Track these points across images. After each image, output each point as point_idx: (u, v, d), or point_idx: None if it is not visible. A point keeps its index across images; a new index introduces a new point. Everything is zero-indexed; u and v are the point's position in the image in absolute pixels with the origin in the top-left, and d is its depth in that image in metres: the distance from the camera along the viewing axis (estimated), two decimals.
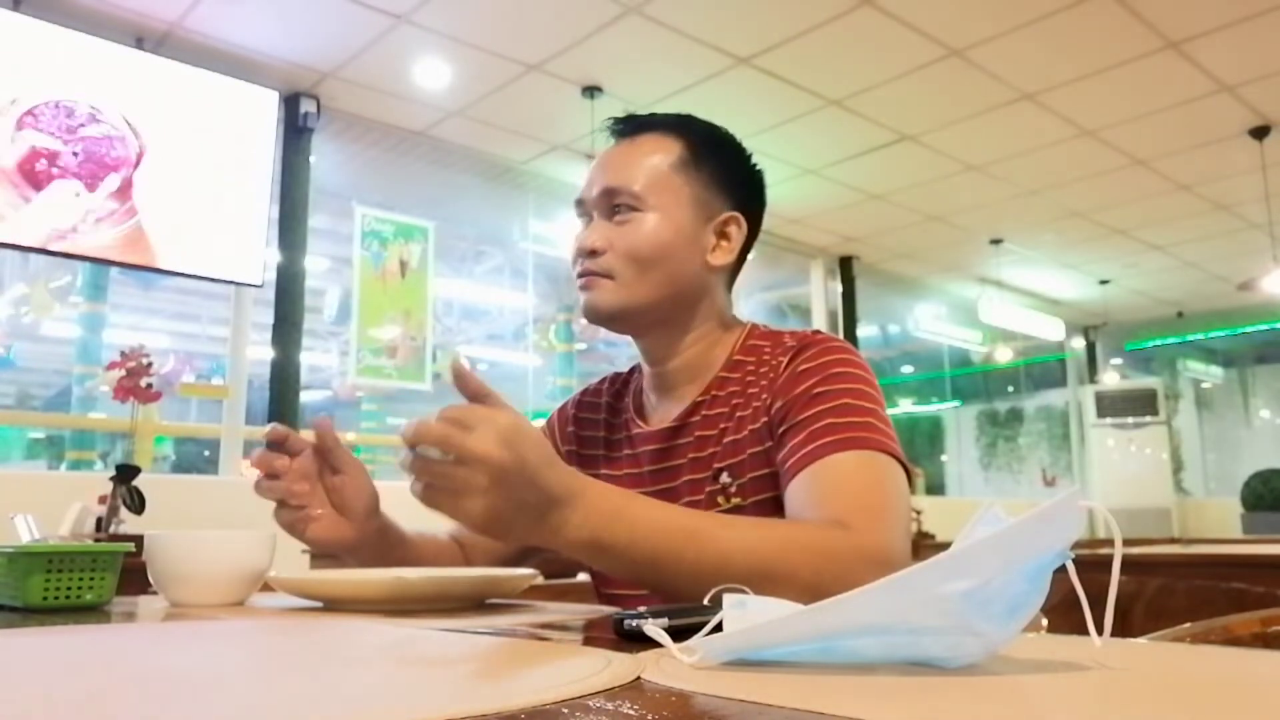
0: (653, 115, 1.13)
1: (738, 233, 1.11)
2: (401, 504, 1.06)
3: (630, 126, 1.12)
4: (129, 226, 3.72)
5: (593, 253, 1.06)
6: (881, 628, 0.48)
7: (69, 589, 0.90)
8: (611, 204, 1.07)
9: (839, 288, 6.87)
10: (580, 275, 1.08)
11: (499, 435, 0.72)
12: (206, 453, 7.81)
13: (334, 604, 0.91)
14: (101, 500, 2.90)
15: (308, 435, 1.03)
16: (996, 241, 6.68)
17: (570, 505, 0.78)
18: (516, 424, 0.74)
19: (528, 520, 0.77)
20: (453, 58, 4.12)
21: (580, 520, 0.79)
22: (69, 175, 3.57)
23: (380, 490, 1.05)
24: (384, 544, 1.06)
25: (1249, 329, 9.11)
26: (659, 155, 1.08)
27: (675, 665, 0.49)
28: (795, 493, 0.93)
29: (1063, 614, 0.66)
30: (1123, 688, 0.46)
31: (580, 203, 1.11)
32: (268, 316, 4.31)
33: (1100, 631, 0.50)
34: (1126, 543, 0.60)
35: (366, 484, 1.03)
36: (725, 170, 1.11)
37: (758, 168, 1.15)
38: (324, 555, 3.12)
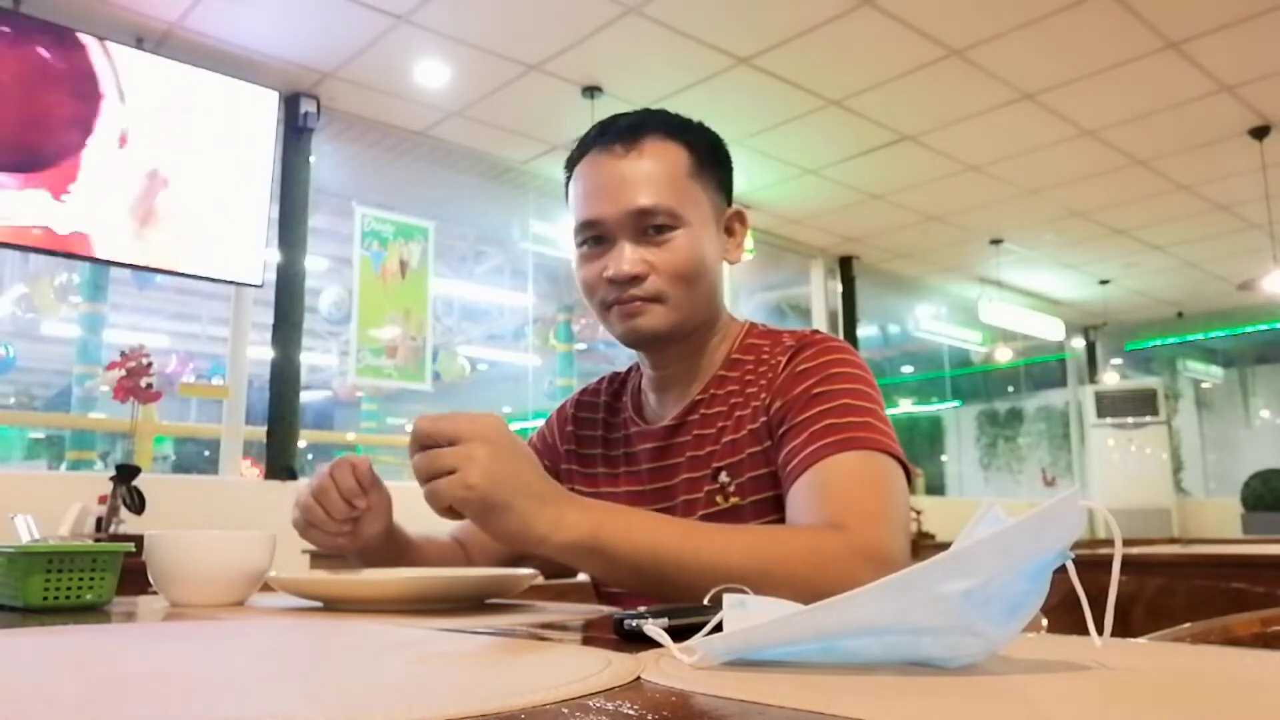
0: (642, 116, 1.07)
1: (741, 228, 1.12)
2: (405, 506, 1.06)
3: (627, 133, 1.04)
4: (129, 226, 3.72)
5: (634, 278, 1.01)
6: (881, 628, 0.48)
7: (69, 589, 0.90)
8: (645, 224, 1.01)
9: (839, 288, 6.87)
10: (621, 302, 1.02)
11: (477, 415, 0.81)
12: (206, 453, 7.83)
13: (334, 604, 0.91)
14: (101, 500, 2.90)
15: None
16: (996, 241, 6.68)
17: (569, 502, 0.82)
18: (492, 416, 0.82)
19: (527, 501, 0.79)
20: (453, 58, 4.12)
21: (577, 517, 0.81)
22: (69, 174, 3.57)
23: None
24: (388, 547, 1.06)
25: (1249, 329, 9.11)
26: (672, 164, 1.04)
27: (675, 665, 0.49)
28: (796, 496, 0.93)
29: (1063, 614, 0.66)
30: (1123, 688, 0.46)
31: (595, 224, 1.03)
32: (268, 316, 4.31)
33: (1100, 631, 0.50)
34: (1126, 543, 0.60)
35: (385, 519, 1.03)
36: (721, 169, 1.10)
37: (730, 157, 1.13)
38: (326, 555, 3.12)
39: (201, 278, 4.02)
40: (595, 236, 1.05)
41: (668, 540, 0.83)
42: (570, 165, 1.10)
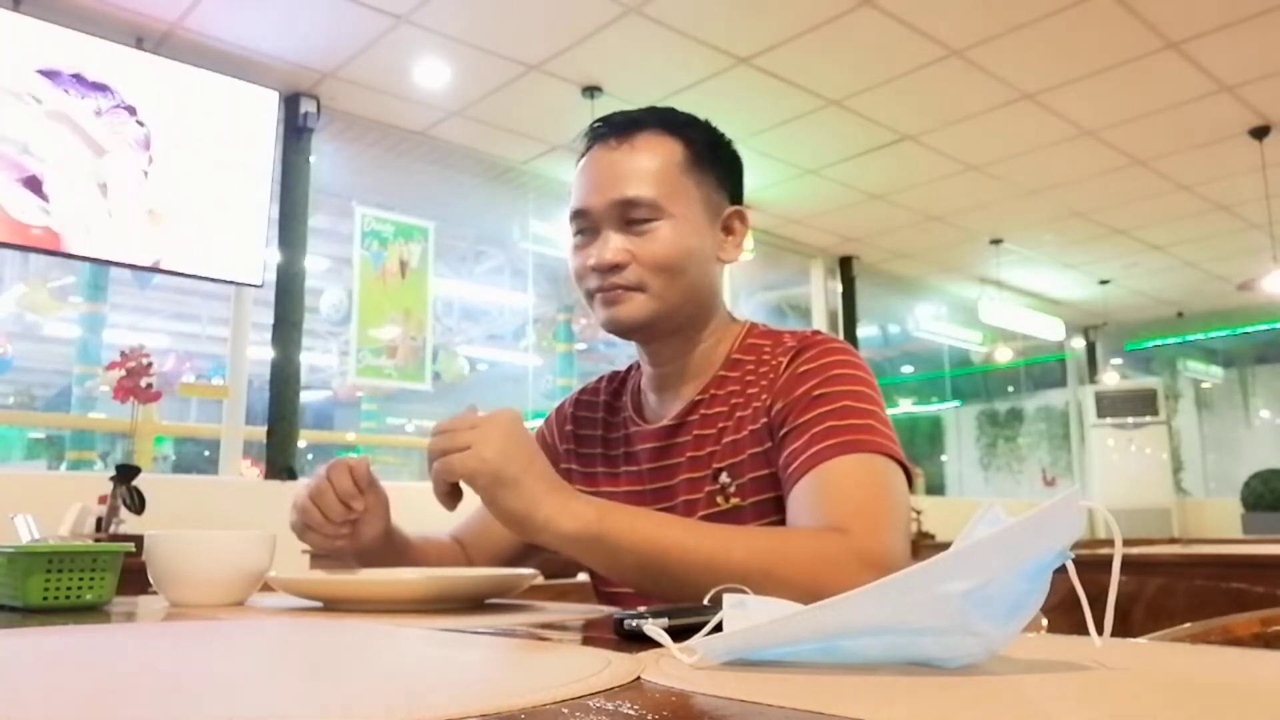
0: (642, 113, 1.09)
1: (741, 227, 1.11)
2: (405, 506, 1.06)
3: (623, 127, 1.06)
4: (128, 226, 3.72)
5: (614, 267, 1.02)
6: (881, 628, 0.48)
7: (69, 589, 0.90)
8: (628, 215, 1.03)
9: (839, 288, 6.86)
10: (603, 290, 1.04)
11: (495, 410, 0.86)
12: (206, 453, 7.82)
13: (334, 604, 0.91)
14: (101, 500, 2.89)
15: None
16: (996, 241, 6.68)
17: (575, 493, 0.85)
18: (510, 409, 0.87)
19: (536, 483, 0.81)
20: (453, 58, 4.12)
21: (583, 507, 0.83)
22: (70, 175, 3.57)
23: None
24: (387, 548, 1.06)
25: (1249, 329, 9.11)
26: (665, 158, 1.04)
27: (675, 665, 0.49)
28: (797, 498, 0.93)
29: (1063, 614, 0.66)
30: (1123, 688, 0.46)
31: (583, 214, 1.05)
32: (268, 316, 4.31)
33: (1100, 631, 0.51)
34: (1126, 543, 0.60)
35: (383, 521, 1.04)
36: (723, 166, 1.10)
37: (739, 157, 1.14)
38: (325, 555, 3.12)
39: (201, 278, 4.02)
40: (585, 227, 1.07)
41: (671, 534, 0.84)
42: (579, 162, 1.12)
